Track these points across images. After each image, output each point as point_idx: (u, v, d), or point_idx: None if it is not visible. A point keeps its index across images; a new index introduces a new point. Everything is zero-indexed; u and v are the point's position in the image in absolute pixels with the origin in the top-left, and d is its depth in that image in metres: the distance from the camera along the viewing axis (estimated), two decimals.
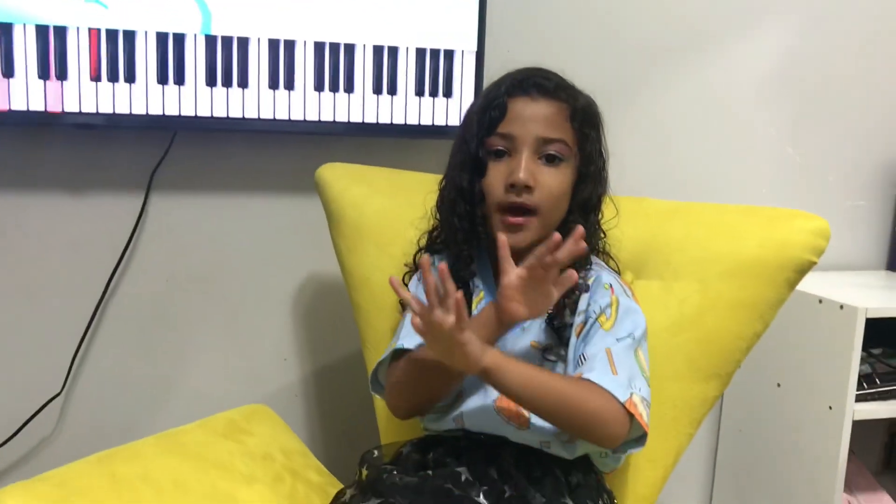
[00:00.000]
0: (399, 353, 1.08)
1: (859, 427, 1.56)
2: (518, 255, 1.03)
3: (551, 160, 1.05)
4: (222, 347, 1.60)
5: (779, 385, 1.69)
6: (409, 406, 1.10)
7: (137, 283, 1.53)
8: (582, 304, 1.07)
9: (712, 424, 1.86)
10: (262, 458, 1.16)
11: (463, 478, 0.99)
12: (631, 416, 0.99)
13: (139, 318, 1.54)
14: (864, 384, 1.56)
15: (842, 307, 1.53)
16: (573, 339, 1.06)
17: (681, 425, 1.18)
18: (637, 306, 1.08)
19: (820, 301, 1.58)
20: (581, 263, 1.08)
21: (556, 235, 0.94)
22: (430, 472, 1.00)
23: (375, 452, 1.13)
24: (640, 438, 1.03)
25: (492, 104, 1.06)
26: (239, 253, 1.57)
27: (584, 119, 1.07)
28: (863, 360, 1.57)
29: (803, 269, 1.15)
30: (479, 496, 0.97)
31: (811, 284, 1.65)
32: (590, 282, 1.08)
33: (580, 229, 0.96)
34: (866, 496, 1.68)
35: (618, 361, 1.01)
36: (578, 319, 1.07)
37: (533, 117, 1.04)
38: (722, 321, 1.16)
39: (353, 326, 1.36)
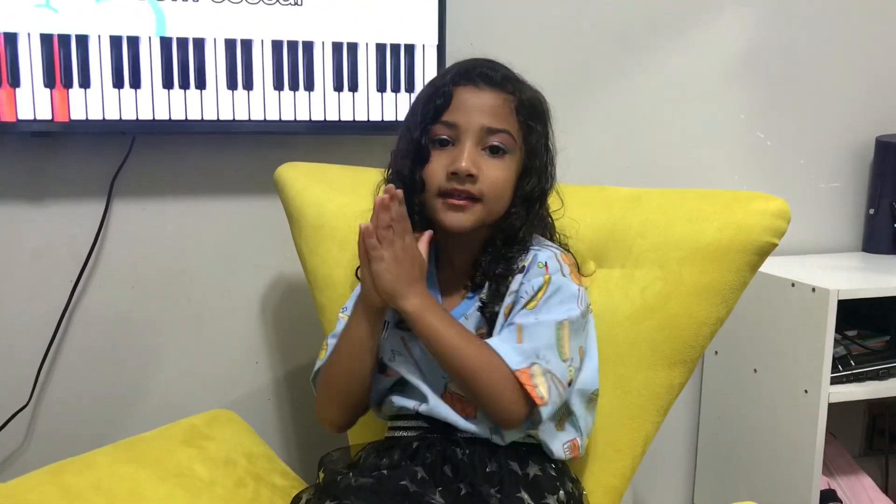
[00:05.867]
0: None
1: (840, 410, 1.55)
2: (456, 239, 1.07)
3: (495, 151, 1.04)
4: (191, 353, 1.58)
5: (755, 371, 1.67)
6: (338, 407, 1.11)
7: (102, 290, 1.51)
8: (514, 285, 1.05)
9: (692, 412, 1.85)
10: (223, 463, 1.15)
11: (419, 475, 0.98)
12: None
13: (105, 326, 1.52)
14: (840, 366, 1.55)
15: (814, 290, 1.52)
16: (500, 320, 1.04)
17: (647, 413, 1.16)
18: (573, 284, 1.05)
19: (793, 284, 1.57)
20: (519, 247, 1.07)
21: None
22: (384, 472, 0.99)
23: (334, 455, 1.11)
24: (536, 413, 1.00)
25: (437, 92, 1.04)
26: (204, 256, 1.56)
27: (530, 112, 1.06)
28: (837, 343, 1.56)
29: (764, 252, 1.13)
30: (435, 495, 0.95)
31: (785, 268, 1.65)
32: (525, 263, 1.06)
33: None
34: (847, 479, 1.67)
35: (528, 333, 1.00)
36: (508, 300, 1.05)
37: (478, 107, 1.03)
38: (685, 307, 1.14)
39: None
